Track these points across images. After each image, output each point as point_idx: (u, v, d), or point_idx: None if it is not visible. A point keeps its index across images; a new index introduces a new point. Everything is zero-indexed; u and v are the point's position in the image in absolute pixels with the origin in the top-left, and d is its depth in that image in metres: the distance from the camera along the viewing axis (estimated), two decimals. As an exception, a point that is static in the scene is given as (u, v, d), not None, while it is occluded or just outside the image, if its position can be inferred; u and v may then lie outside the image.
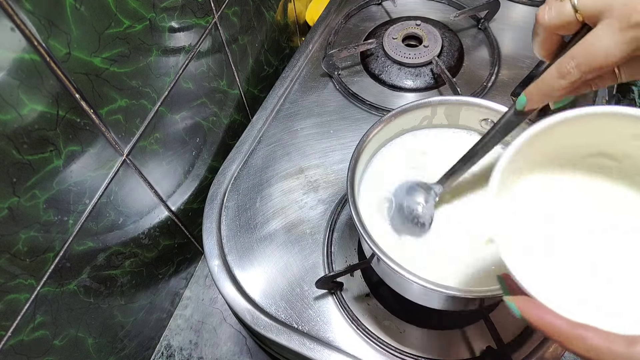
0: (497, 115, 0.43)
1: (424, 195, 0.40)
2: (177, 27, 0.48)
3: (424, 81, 0.64)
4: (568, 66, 0.29)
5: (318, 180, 0.56)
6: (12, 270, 0.35)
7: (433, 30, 0.66)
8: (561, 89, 0.30)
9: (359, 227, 0.37)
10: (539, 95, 0.32)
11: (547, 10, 0.31)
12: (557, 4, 0.30)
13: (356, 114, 0.62)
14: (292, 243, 0.52)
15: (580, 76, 0.29)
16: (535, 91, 0.33)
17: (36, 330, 0.39)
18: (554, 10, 0.30)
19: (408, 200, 0.41)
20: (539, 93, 0.32)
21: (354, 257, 0.51)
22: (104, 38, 0.38)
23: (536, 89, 0.32)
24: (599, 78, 0.31)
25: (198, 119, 0.58)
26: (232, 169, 0.58)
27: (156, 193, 0.52)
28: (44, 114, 0.34)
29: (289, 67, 0.67)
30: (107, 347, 0.50)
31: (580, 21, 0.29)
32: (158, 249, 0.55)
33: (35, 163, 0.35)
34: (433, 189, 0.41)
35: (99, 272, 0.46)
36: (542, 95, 0.32)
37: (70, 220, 0.40)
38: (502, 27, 0.69)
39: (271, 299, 0.49)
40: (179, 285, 0.63)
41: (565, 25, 0.30)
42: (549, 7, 0.31)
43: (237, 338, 0.60)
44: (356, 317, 0.47)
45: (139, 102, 0.45)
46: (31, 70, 0.33)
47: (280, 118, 0.62)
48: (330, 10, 0.74)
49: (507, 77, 0.63)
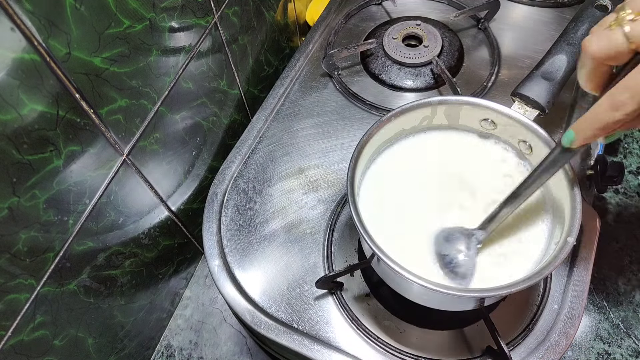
0: (497, 115, 0.43)
1: (465, 242, 0.38)
2: (177, 27, 0.48)
3: (424, 81, 0.64)
4: (622, 97, 0.27)
5: (318, 180, 0.56)
6: (12, 270, 0.35)
7: (433, 30, 0.66)
8: (615, 121, 0.28)
9: (359, 227, 0.37)
10: (591, 130, 0.30)
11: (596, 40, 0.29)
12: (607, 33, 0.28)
13: (356, 114, 0.62)
14: (292, 243, 0.52)
15: (636, 107, 0.27)
16: (586, 126, 0.31)
17: (36, 330, 0.39)
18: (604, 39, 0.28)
19: (448, 248, 0.38)
20: (591, 128, 0.30)
21: (354, 257, 0.51)
22: (104, 38, 0.38)
23: (587, 124, 0.30)
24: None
25: (198, 119, 0.58)
26: (232, 169, 0.58)
27: (156, 193, 0.52)
28: (44, 114, 0.34)
29: (289, 67, 0.67)
30: (107, 347, 0.50)
31: (632, 50, 0.28)
32: (158, 249, 0.55)
33: (35, 163, 0.35)
34: (475, 234, 0.38)
35: (99, 272, 0.46)
36: (594, 129, 0.30)
37: (70, 220, 0.40)
38: (502, 27, 0.69)
39: (271, 299, 0.49)
40: (179, 285, 0.63)
41: (617, 55, 0.28)
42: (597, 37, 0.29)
43: (237, 338, 0.60)
44: (356, 317, 0.47)
45: (139, 102, 0.45)
46: (31, 70, 0.33)
47: (280, 118, 0.62)
48: (330, 10, 0.74)
49: (507, 77, 0.63)
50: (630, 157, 0.70)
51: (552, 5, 0.70)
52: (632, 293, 0.59)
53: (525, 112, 0.42)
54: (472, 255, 0.38)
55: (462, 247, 0.38)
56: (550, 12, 0.70)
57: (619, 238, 0.63)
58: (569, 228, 0.36)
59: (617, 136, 0.32)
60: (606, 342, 0.56)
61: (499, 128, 0.44)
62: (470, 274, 0.37)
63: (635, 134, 0.72)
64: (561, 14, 0.69)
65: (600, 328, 0.57)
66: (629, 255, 0.62)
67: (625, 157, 0.70)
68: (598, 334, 0.57)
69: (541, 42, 0.66)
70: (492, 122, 0.44)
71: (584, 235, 0.49)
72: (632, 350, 0.56)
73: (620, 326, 0.57)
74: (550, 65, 0.44)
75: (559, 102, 0.41)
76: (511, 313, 0.47)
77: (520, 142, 0.43)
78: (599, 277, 0.61)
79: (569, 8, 0.70)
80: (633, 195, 0.67)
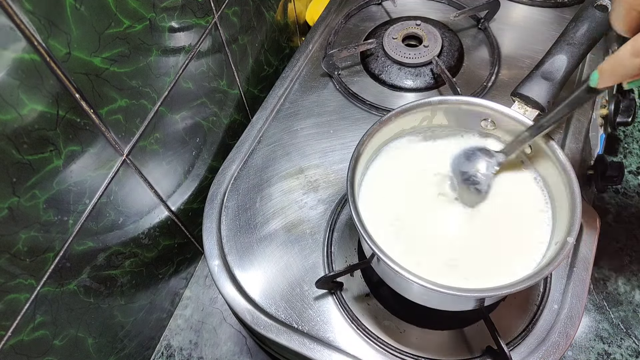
0: (497, 115, 0.43)
1: (486, 163, 0.40)
2: (177, 27, 0.48)
3: (424, 81, 0.64)
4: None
5: (318, 180, 0.56)
6: (12, 270, 0.35)
7: (433, 30, 0.66)
8: (635, 68, 0.28)
9: (359, 227, 0.37)
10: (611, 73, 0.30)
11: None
12: None
13: (356, 114, 0.62)
14: (292, 243, 0.52)
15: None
16: (608, 68, 0.30)
17: (36, 330, 0.39)
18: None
19: (467, 166, 0.40)
20: (612, 70, 0.30)
21: (354, 257, 0.51)
22: (104, 38, 0.38)
23: (609, 66, 0.30)
24: None
25: (198, 119, 0.58)
26: (232, 169, 0.58)
27: (156, 193, 0.52)
28: (44, 114, 0.34)
29: (289, 67, 0.67)
30: (107, 347, 0.50)
31: None
32: (158, 249, 0.55)
33: (35, 163, 0.35)
34: (496, 157, 0.40)
35: (99, 272, 0.46)
36: (614, 73, 0.30)
37: (70, 220, 0.40)
38: (502, 27, 0.69)
39: (271, 299, 0.49)
40: (179, 285, 0.63)
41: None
42: None
43: (237, 338, 0.60)
44: (356, 317, 0.47)
45: (139, 102, 0.45)
46: (31, 70, 0.33)
47: (280, 118, 0.62)
48: (330, 10, 0.74)
49: (507, 77, 0.63)
50: (630, 157, 0.70)
51: (552, 5, 0.70)
52: (632, 293, 0.59)
53: (525, 112, 0.42)
54: (489, 175, 0.39)
55: (481, 166, 0.40)
56: (550, 12, 0.70)
57: (619, 238, 0.63)
58: (569, 228, 0.36)
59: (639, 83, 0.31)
60: (606, 342, 0.56)
61: (499, 128, 0.44)
62: (485, 190, 0.39)
63: (635, 134, 0.72)
64: (561, 14, 0.69)
65: (600, 328, 0.57)
66: (629, 255, 0.62)
67: (625, 157, 0.70)
68: (598, 334, 0.57)
69: (541, 42, 0.66)
70: (492, 122, 0.44)
71: (584, 235, 0.49)
72: (632, 350, 0.56)
73: (620, 326, 0.57)
74: (550, 65, 0.44)
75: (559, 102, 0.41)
76: (511, 313, 0.47)
77: (520, 142, 0.43)
78: (599, 277, 0.61)
79: (569, 8, 0.70)
80: (633, 195, 0.67)
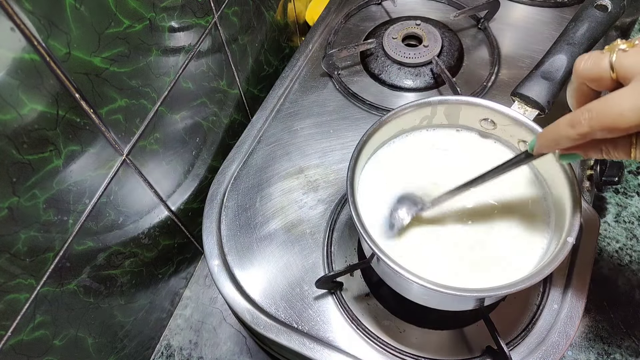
0: (497, 115, 0.43)
1: (407, 207, 0.41)
2: (177, 27, 0.48)
3: (424, 81, 0.64)
4: (581, 117, 0.27)
5: (318, 180, 0.56)
6: (12, 270, 0.35)
7: (433, 30, 0.66)
8: (568, 138, 0.29)
9: (359, 227, 0.37)
10: (547, 140, 0.31)
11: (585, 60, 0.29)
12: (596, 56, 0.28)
13: (356, 114, 0.61)
14: (292, 243, 0.52)
15: (589, 130, 0.27)
16: (545, 135, 0.31)
17: (36, 330, 0.39)
18: (590, 61, 0.29)
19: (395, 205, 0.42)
20: (547, 138, 0.31)
21: (354, 257, 0.51)
22: (103, 38, 0.38)
23: (546, 133, 0.31)
24: (612, 144, 0.29)
25: (198, 119, 0.58)
26: (232, 169, 0.58)
27: (156, 193, 0.52)
28: (44, 113, 0.34)
29: (289, 67, 0.67)
30: (107, 346, 0.50)
31: (614, 79, 0.28)
32: (158, 249, 0.55)
33: (35, 163, 0.35)
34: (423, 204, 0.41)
35: (99, 272, 0.46)
36: (549, 140, 0.31)
37: (70, 220, 0.40)
38: (502, 27, 0.69)
39: (271, 298, 0.49)
40: (179, 285, 0.63)
41: (597, 79, 0.28)
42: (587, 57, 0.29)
43: (237, 338, 0.60)
44: (356, 317, 0.47)
45: (139, 102, 0.45)
46: (31, 70, 0.33)
47: (280, 118, 0.62)
48: (330, 10, 0.74)
49: (507, 77, 0.63)
50: (630, 157, 0.70)
51: (552, 5, 0.70)
52: (632, 293, 0.59)
53: (525, 112, 0.42)
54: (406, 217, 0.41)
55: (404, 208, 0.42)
56: (550, 12, 0.70)
57: (619, 238, 0.63)
58: (569, 228, 0.36)
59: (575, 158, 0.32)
60: (606, 342, 0.56)
61: (498, 128, 0.44)
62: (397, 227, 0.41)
63: (635, 134, 0.72)
64: (561, 14, 0.69)
65: (600, 328, 0.57)
66: (629, 255, 0.62)
67: (625, 157, 0.70)
68: (598, 334, 0.57)
69: (541, 42, 0.66)
70: (492, 122, 0.44)
71: (584, 235, 0.49)
72: (632, 350, 0.56)
73: (620, 326, 0.57)
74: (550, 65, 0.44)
75: (558, 102, 0.41)
76: (511, 313, 0.47)
77: (520, 142, 0.43)
78: (599, 277, 0.61)
79: (569, 8, 0.70)
80: (633, 195, 0.67)
